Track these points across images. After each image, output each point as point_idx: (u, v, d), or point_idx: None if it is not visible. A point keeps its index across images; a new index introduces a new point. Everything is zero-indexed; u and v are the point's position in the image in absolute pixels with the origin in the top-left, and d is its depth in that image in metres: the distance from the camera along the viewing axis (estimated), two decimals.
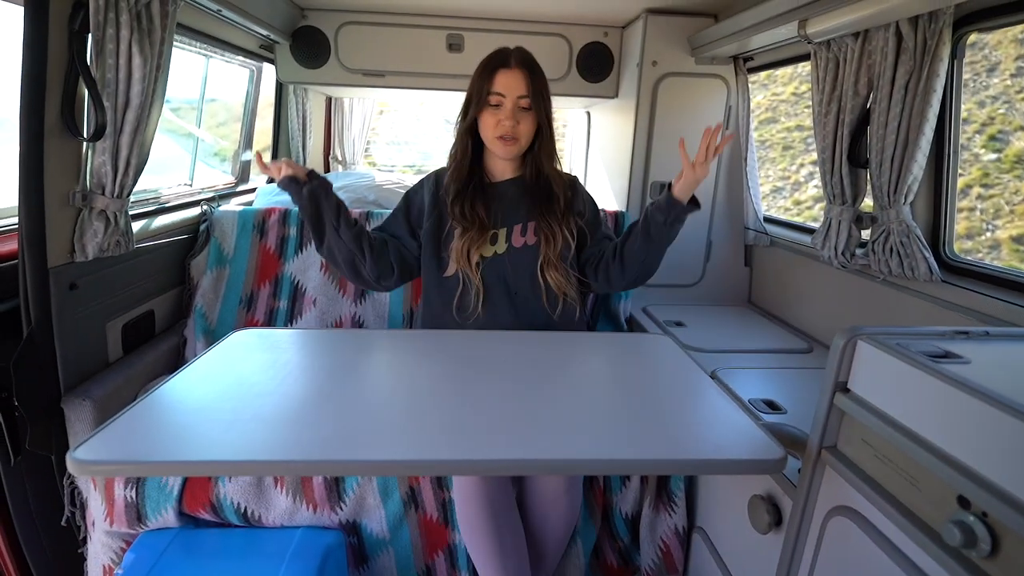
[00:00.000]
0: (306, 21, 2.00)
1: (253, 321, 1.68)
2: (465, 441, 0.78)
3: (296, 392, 0.90)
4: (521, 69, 1.21)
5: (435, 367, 1.03)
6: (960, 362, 0.69)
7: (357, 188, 1.99)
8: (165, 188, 1.76)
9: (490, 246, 1.26)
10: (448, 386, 0.95)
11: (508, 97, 1.20)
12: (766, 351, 1.52)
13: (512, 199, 1.30)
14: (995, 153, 4.43)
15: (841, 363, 0.77)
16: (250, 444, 0.75)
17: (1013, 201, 4.30)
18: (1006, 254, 4.10)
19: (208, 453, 0.73)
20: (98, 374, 1.28)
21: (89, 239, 1.17)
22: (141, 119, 1.17)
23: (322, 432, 0.78)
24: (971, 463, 0.59)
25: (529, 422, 0.83)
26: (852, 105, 1.25)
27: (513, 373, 0.99)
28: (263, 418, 0.81)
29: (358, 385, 0.94)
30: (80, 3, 1.04)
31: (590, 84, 2.08)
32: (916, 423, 0.67)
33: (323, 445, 0.75)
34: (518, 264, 1.26)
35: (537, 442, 0.79)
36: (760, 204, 1.89)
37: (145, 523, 1.17)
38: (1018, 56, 4.44)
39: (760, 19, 1.39)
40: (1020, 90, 4.57)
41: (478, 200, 1.26)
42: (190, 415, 0.83)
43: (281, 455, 0.73)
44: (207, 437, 0.76)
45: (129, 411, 0.80)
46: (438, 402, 0.90)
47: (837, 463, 0.78)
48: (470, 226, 1.23)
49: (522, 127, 1.22)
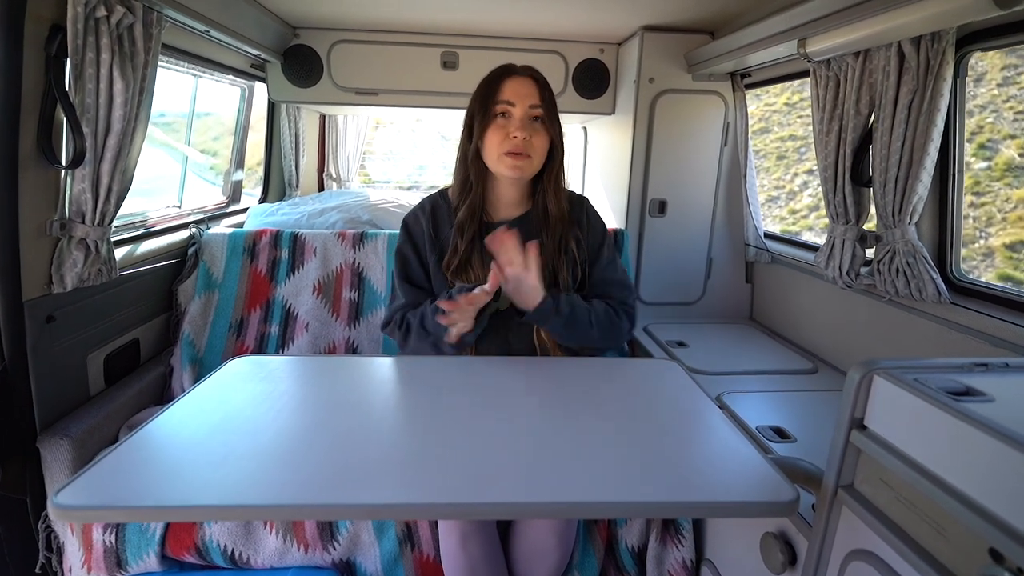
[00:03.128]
0: (298, 40, 1.98)
1: (243, 348, 1.63)
2: (462, 482, 0.74)
3: (290, 426, 0.85)
4: (531, 77, 1.06)
5: (430, 398, 0.98)
6: (983, 400, 0.65)
7: (351, 208, 1.96)
8: (152, 211, 1.71)
9: (492, 302, 1.06)
10: (443, 420, 0.90)
11: (518, 105, 1.03)
12: (771, 372, 1.49)
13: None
14: (985, 161, 4.46)
15: (857, 399, 0.74)
16: (240, 486, 0.70)
17: (1005, 209, 4.33)
18: (1000, 262, 4.11)
19: (197, 496, 0.68)
20: (77, 410, 1.23)
21: (68, 270, 1.12)
22: (123, 144, 1.13)
23: (315, 471, 0.74)
24: (1003, 514, 0.55)
25: (529, 460, 0.79)
26: (854, 124, 1.23)
27: (511, 405, 0.95)
28: (255, 455, 0.77)
29: (353, 418, 0.90)
30: (58, 27, 1.00)
31: (586, 101, 2.07)
32: (940, 467, 0.63)
33: (316, 486, 0.71)
34: (520, 323, 1.09)
35: (537, 483, 0.74)
36: (760, 220, 1.87)
37: (125, 569, 1.11)
38: (1004, 66, 4.50)
39: (758, 37, 1.37)
40: (1007, 99, 4.62)
41: (475, 252, 1.08)
42: (180, 452, 0.78)
43: (272, 497, 0.69)
44: (197, 478, 0.72)
45: (115, 450, 0.76)
46: (433, 438, 0.85)
47: (855, 504, 0.74)
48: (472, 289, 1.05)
49: (535, 141, 1.04)
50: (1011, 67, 4.52)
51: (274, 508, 0.70)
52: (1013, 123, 4.57)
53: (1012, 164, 4.44)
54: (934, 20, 0.96)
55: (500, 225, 1.09)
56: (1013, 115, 4.59)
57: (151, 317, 1.54)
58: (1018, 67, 4.54)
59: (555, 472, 0.77)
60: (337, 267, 1.73)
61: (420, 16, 1.80)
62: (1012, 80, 4.64)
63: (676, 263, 1.95)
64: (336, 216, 1.91)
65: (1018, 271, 4.04)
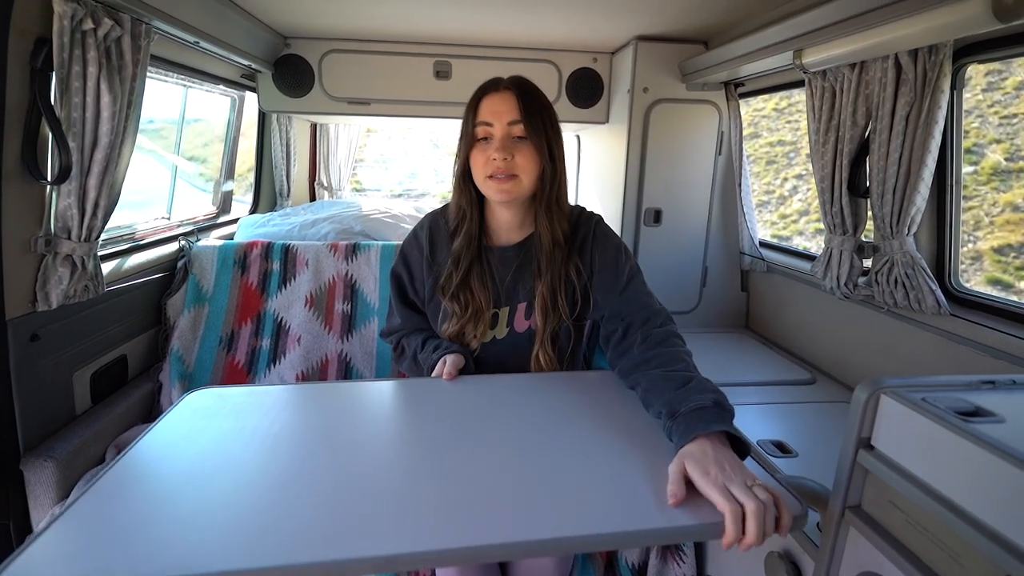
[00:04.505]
0: (289, 50, 1.95)
1: (234, 362, 1.59)
2: (458, 523, 0.67)
3: (264, 469, 0.77)
4: (512, 91, 0.97)
5: (409, 428, 0.90)
6: (994, 421, 0.64)
7: (343, 219, 1.93)
8: (141, 223, 1.68)
9: (489, 330, 1.03)
10: (426, 454, 0.82)
11: (496, 124, 0.95)
12: (769, 383, 1.48)
13: (517, 268, 1.03)
14: (971, 166, 4.53)
15: (864, 418, 0.72)
16: (218, 546, 0.62)
17: (992, 213, 4.39)
18: (988, 265, 4.17)
19: (169, 566, 0.58)
20: (63, 430, 1.19)
21: (53, 287, 1.09)
22: (111, 159, 1.10)
23: (300, 521, 0.67)
24: (1017, 540, 0.54)
25: (523, 493, 0.73)
26: (851, 135, 1.23)
27: (496, 436, 0.87)
28: (230, 506, 0.68)
29: (332, 456, 0.82)
30: (43, 39, 0.98)
31: (580, 110, 2.06)
32: (952, 490, 0.62)
33: (303, 540, 0.64)
34: (519, 349, 1.03)
35: (533, 520, 0.68)
36: (756, 229, 1.87)
37: None
38: (988, 71, 4.58)
39: (754, 48, 1.37)
40: (991, 104, 4.70)
41: (473, 276, 1.01)
42: (142, 508, 0.68)
43: (254, 559, 0.61)
44: (166, 540, 0.62)
45: (62, 519, 0.65)
46: (418, 476, 0.78)
47: (863, 526, 0.72)
48: (462, 313, 1.00)
49: (519, 160, 0.95)
50: (995, 72, 4.60)
51: (260, 572, 0.60)
52: (998, 128, 4.64)
53: (998, 168, 4.50)
54: (933, 33, 0.95)
55: (500, 250, 1.05)
56: (998, 120, 4.66)
57: (139, 332, 1.50)
58: (1002, 72, 4.61)
59: (553, 505, 0.71)
60: (329, 279, 1.70)
61: (412, 25, 1.79)
62: (996, 86, 4.72)
63: (671, 272, 1.95)
64: (328, 227, 1.89)
65: (1006, 275, 4.10)
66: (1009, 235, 4.23)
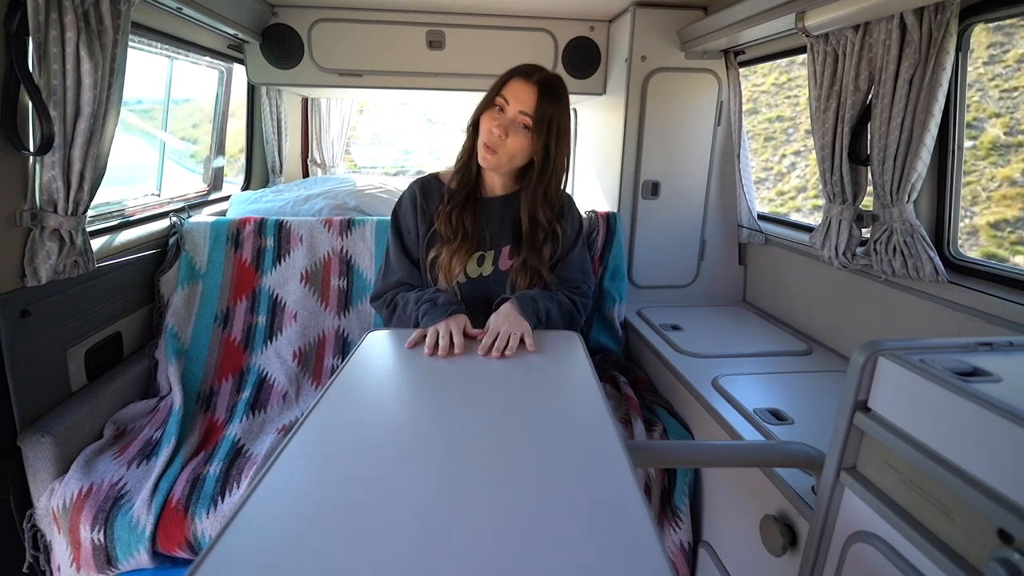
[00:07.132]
0: (277, 19, 1.89)
1: (230, 339, 1.58)
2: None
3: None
4: (538, 86, 1.07)
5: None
6: (991, 380, 0.64)
7: (338, 194, 1.90)
8: (130, 200, 1.65)
9: (476, 267, 1.17)
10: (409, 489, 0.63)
11: (510, 106, 1.07)
12: (765, 354, 1.48)
13: (503, 218, 1.18)
14: (970, 140, 4.49)
15: (861, 381, 0.72)
16: None
17: (989, 188, 4.37)
18: (984, 240, 4.17)
19: None
20: (59, 406, 1.18)
21: (41, 261, 1.07)
22: (95, 129, 1.07)
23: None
24: (1012, 494, 0.54)
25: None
26: (852, 100, 1.20)
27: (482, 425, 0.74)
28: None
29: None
30: (17, 2, 0.94)
31: (577, 80, 2.02)
32: (947, 448, 0.62)
33: None
34: (502, 287, 1.17)
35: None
36: (754, 201, 1.85)
37: (116, 566, 1.08)
38: (990, 44, 4.50)
39: (754, 12, 1.34)
40: (993, 78, 4.63)
41: (467, 212, 1.15)
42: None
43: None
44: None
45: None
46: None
47: (858, 486, 0.73)
48: (453, 237, 1.13)
49: (510, 143, 1.07)
50: (997, 45, 4.52)
51: None
52: (999, 102, 4.59)
53: (997, 143, 4.47)
54: None
55: (489, 201, 1.19)
56: (999, 93, 4.61)
57: (133, 309, 1.49)
58: (1004, 45, 4.54)
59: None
60: (325, 255, 1.69)
61: None
62: (998, 58, 4.64)
63: (669, 246, 1.93)
64: (322, 202, 1.86)
65: (1002, 249, 4.10)
66: (1006, 210, 4.22)
